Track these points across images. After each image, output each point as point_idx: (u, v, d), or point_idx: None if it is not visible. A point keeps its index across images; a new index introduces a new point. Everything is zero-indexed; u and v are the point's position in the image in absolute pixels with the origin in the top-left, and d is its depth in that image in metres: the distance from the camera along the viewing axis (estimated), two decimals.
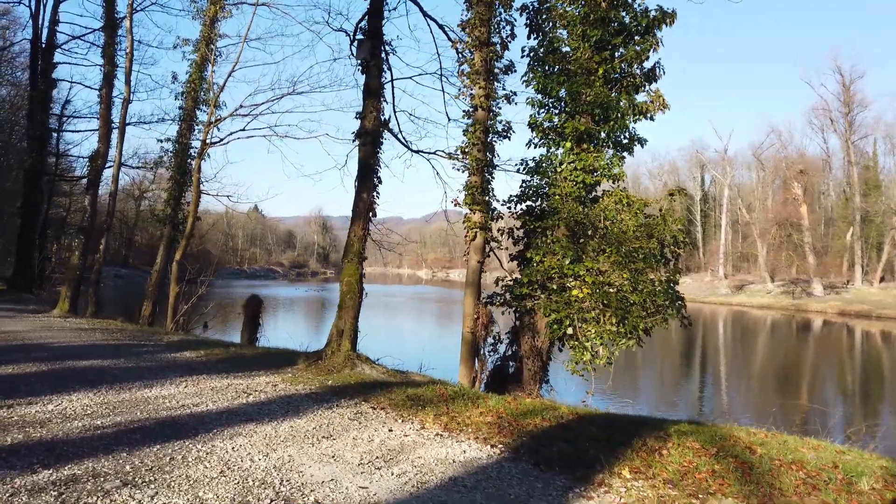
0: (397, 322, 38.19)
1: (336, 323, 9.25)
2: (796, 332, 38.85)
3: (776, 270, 67.38)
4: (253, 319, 14.61)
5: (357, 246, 9.91)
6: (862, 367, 23.75)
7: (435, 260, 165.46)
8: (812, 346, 31.06)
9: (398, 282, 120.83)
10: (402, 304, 51.38)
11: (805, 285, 60.28)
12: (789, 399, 16.70)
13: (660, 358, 26.27)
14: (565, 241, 9.40)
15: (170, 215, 17.79)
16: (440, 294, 70.65)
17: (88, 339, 11.01)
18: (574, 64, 9.94)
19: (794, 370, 23.09)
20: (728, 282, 69.78)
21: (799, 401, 16.60)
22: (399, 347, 23.61)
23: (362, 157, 10.46)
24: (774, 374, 21.74)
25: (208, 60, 18.27)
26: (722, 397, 16.93)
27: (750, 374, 21.43)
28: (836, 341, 33.59)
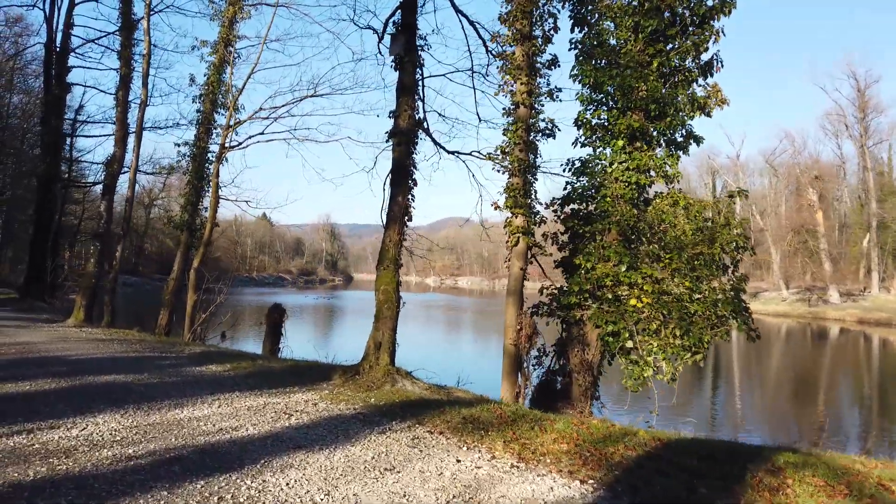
0: (416, 332, 37.56)
1: (373, 335, 8.62)
2: (818, 340, 37.92)
3: (790, 278, 66.37)
4: (275, 329, 14.00)
5: (393, 252, 9.30)
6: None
7: (443, 267, 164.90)
8: (843, 356, 30.16)
9: (406, 289, 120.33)
10: (416, 313, 50.75)
11: (821, 293, 59.22)
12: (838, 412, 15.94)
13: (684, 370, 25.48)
14: (619, 246, 8.75)
15: (187, 221, 17.25)
16: (451, 302, 69.94)
17: (107, 351, 10.44)
18: (624, 57, 9.32)
19: (835, 381, 22.26)
20: None
21: (855, 416, 15.84)
22: (424, 358, 23.02)
23: (397, 157, 9.87)
24: (813, 385, 20.92)
25: (227, 62, 17.79)
26: (769, 411, 16.18)
27: (787, 386, 20.62)
28: (863, 350, 32.66)
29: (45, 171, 20.77)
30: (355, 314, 47.38)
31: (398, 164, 9.82)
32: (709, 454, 5.04)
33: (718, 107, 9.32)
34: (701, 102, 9.24)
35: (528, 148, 10.33)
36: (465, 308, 59.45)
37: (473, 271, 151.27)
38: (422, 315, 48.35)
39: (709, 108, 9.30)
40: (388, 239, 9.39)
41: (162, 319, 16.84)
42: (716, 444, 5.76)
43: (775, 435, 12.45)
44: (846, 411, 16.85)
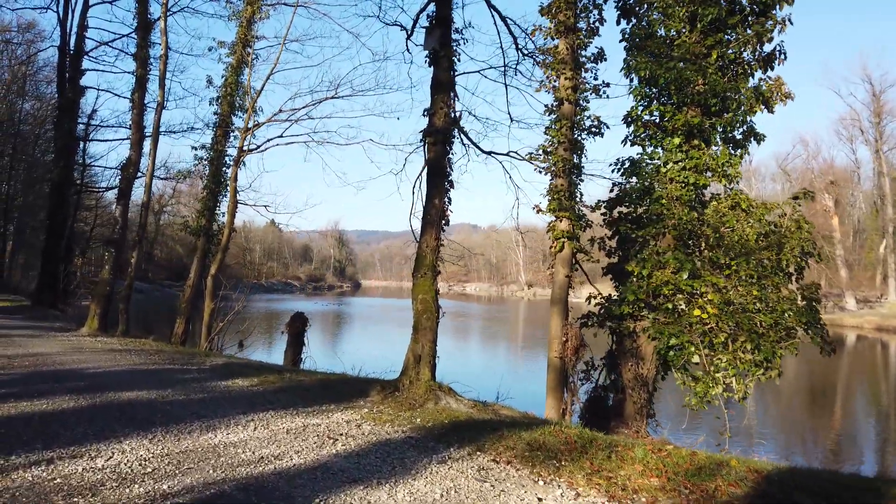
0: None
1: (412, 347, 8.01)
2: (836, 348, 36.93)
3: None
4: (297, 339, 13.43)
5: (430, 258, 8.70)
6: None
7: (451, 273, 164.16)
8: (861, 363, 29.25)
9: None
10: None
11: (837, 299, 58.19)
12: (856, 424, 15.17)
13: None
14: (679, 252, 8.11)
15: (204, 226, 16.74)
16: (461, 308, 69.25)
17: (125, 364, 9.87)
18: (678, 49, 8.70)
19: (852, 390, 21.44)
20: None
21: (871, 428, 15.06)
22: (447, 369, 22.39)
23: (432, 158, 9.29)
24: (830, 394, 20.12)
25: (245, 64, 17.31)
26: (786, 422, 15.42)
27: (804, 395, 19.81)
28: (880, 357, 31.73)
29: (57, 176, 20.33)
30: (367, 321, 46.86)
31: (434, 165, 9.25)
32: (820, 490, 4.40)
33: (781, 102, 8.69)
34: (767, 95, 8.60)
35: (573, 147, 9.72)
36: (476, 315, 58.75)
37: (481, 277, 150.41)
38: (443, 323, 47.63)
39: (771, 104, 8.67)
40: (425, 244, 8.80)
41: (178, 328, 16.31)
42: (821, 475, 5.10)
43: (791, 448, 11.77)
44: (862, 423, 16.12)
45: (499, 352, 31.63)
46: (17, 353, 10.39)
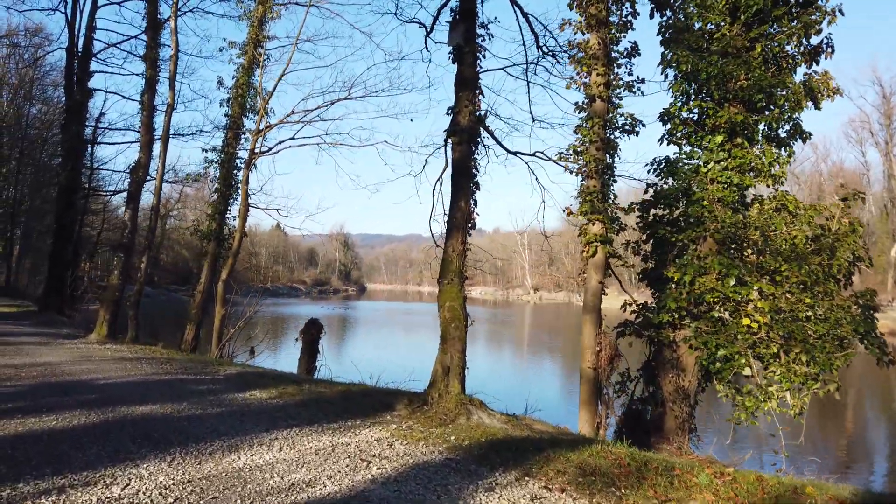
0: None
1: (440, 358, 7.58)
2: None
3: None
4: (311, 347, 13.01)
5: (457, 263, 8.28)
6: None
7: None
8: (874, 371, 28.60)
9: (419, 299, 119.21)
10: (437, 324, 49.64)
11: None
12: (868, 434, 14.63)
13: None
14: (725, 257, 7.66)
15: (215, 231, 16.36)
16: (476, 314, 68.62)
17: (137, 374, 9.47)
18: (718, 43, 8.26)
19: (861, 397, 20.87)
20: None
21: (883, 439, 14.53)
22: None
23: (457, 158, 8.89)
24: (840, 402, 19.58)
25: (256, 64, 16.96)
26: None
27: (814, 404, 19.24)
28: None
29: (65, 179, 20.01)
30: (375, 325, 46.43)
31: (459, 166, 8.86)
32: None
33: (829, 97, 8.24)
34: (816, 90, 8.15)
35: (606, 146, 9.29)
36: (482, 319, 58.29)
37: (486, 281, 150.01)
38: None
39: (819, 99, 8.22)
40: (451, 249, 8.39)
41: (188, 334, 15.92)
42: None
43: (831, 462, 11.28)
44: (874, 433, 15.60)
45: (507, 357, 31.16)
46: (24, 362, 10.00)
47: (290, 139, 16.81)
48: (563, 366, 29.18)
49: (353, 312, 64.93)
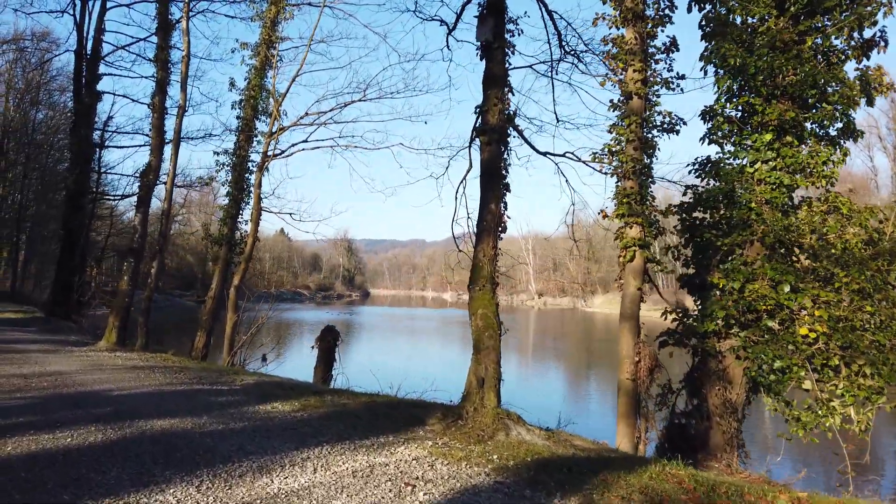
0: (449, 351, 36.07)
1: (473, 369, 7.16)
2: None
3: None
4: (328, 354, 12.61)
5: (488, 268, 7.89)
6: None
7: (460, 282, 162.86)
8: None
9: (422, 304, 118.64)
10: (447, 330, 49.21)
11: None
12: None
13: None
14: (778, 263, 7.24)
15: (226, 235, 16.00)
16: None
17: (151, 384, 9.07)
18: (762, 37, 7.86)
19: None
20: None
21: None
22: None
23: (486, 159, 8.51)
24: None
25: (269, 65, 16.63)
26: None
27: None
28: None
29: (73, 184, 19.69)
30: (380, 331, 46.03)
31: (489, 167, 8.47)
32: None
33: (882, 94, 7.83)
34: (873, 82, 7.73)
35: (644, 146, 8.89)
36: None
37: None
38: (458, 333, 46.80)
39: (873, 95, 7.81)
40: (481, 253, 7.99)
41: (199, 342, 15.55)
42: None
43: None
44: None
45: (526, 365, 30.70)
46: (33, 371, 9.62)
47: (302, 142, 16.46)
48: (582, 374, 28.75)
49: (358, 318, 64.62)
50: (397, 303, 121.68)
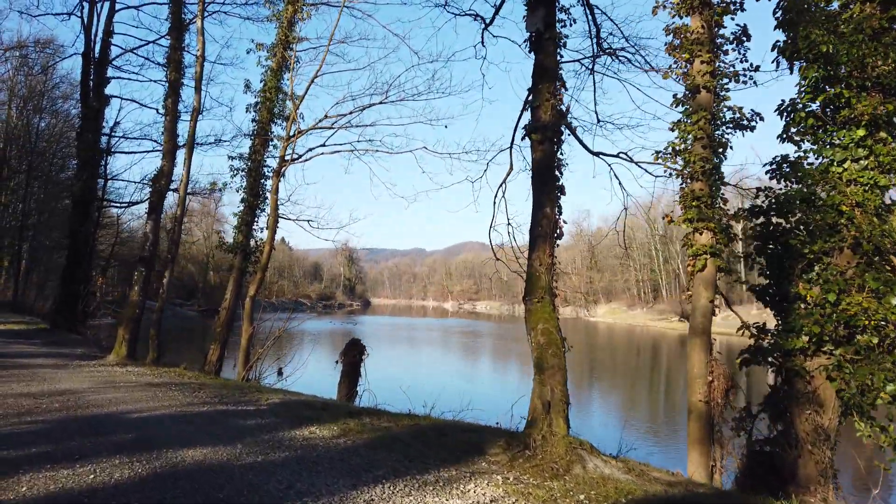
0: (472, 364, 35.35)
1: (538, 392, 6.43)
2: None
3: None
4: (353, 369, 11.87)
5: (545, 278, 7.19)
6: None
7: (461, 292, 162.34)
8: None
9: (423, 314, 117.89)
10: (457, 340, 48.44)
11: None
12: None
13: None
14: (881, 272, 6.54)
15: (242, 243, 15.30)
16: (483, 328, 67.69)
17: (171, 404, 8.33)
18: (848, 24, 7.20)
19: None
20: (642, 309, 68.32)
21: None
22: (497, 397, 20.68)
23: (539, 159, 7.84)
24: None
25: (286, 67, 15.99)
26: None
27: None
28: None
29: (80, 190, 19.00)
30: (391, 341, 45.22)
31: (542, 167, 7.80)
32: None
33: None
34: None
35: (714, 144, 8.20)
36: (502, 336, 57.07)
37: (492, 296, 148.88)
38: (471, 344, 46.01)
39: None
40: (537, 262, 7.29)
41: (212, 355, 14.81)
42: None
43: None
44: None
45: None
46: (42, 390, 8.88)
47: (320, 146, 15.77)
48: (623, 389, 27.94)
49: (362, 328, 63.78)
50: (398, 312, 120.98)
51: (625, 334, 63.03)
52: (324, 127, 15.74)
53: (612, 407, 22.09)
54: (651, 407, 23.06)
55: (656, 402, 24.26)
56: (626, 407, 22.17)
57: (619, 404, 22.89)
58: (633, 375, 32.01)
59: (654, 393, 26.81)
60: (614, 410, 21.04)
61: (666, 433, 17.10)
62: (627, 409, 21.77)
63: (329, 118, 15.17)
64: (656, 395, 26.31)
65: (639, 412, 21.41)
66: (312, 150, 15.74)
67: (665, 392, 26.57)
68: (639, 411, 21.71)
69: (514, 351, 41.51)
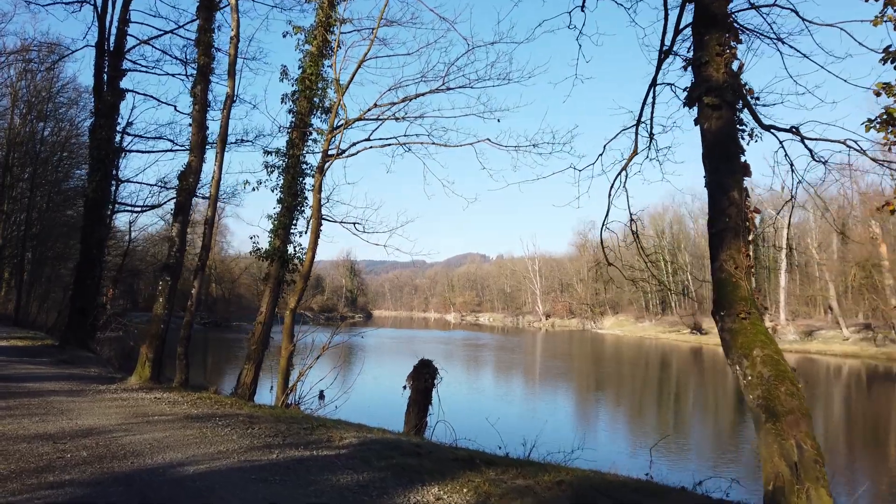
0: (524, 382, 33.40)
1: (776, 448, 4.59)
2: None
3: (845, 315, 62.06)
4: (424, 397, 10.01)
5: (745, 287, 5.37)
6: None
7: (463, 303, 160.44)
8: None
9: (424, 326, 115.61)
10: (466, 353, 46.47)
11: (886, 331, 54.38)
12: None
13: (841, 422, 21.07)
14: None
15: (279, 249, 13.48)
16: (502, 342, 65.79)
17: (228, 449, 6.46)
18: None
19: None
20: (793, 328, 64.45)
21: None
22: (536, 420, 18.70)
23: (716, 129, 6.10)
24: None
25: (327, 52, 14.26)
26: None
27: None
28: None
29: (93, 192, 17.18)
30: (393, 354, 43.03)
31: (721, 140, 6.06)
32: None
33: None
34: None
35: None
36: (509, 348, 55.18)
37: (495, 307, 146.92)
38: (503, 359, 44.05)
39: None
40: (730, 263, 5.50)
41: (246, 376, 12.94)
42: None
43: None
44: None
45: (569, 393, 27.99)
46: (62, 429, 7.02)
47: (364, 140, 13.99)
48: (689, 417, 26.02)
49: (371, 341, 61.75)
50: (401, 324, 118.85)
51: (642, 347, 61.02)
52: (370, 119, 13.99)
53: (687, 435, 20.16)
54: (715, 433, 21.12)
55: (717, 428, 22.31)
56: (696, 434, 20.24)
57: (691, 432, 20.95)
58: (690, 398, 30.03)
59: (713, 416, 24.87)
60: (688, 439, 19.13)
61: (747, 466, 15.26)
62: (698, 437, 19.85)
63: (379, 107, 13.41)
64: (716, 418, 24.38)
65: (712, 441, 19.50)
66: (357, 143, 13.98)
67: (722, 416, 24.63)
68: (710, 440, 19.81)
69: (556, 369, 39.67)
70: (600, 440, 16.58)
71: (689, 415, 23.79)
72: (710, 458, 14.99)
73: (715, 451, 16.48)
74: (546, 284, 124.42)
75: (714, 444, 17.81)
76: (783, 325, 66.60)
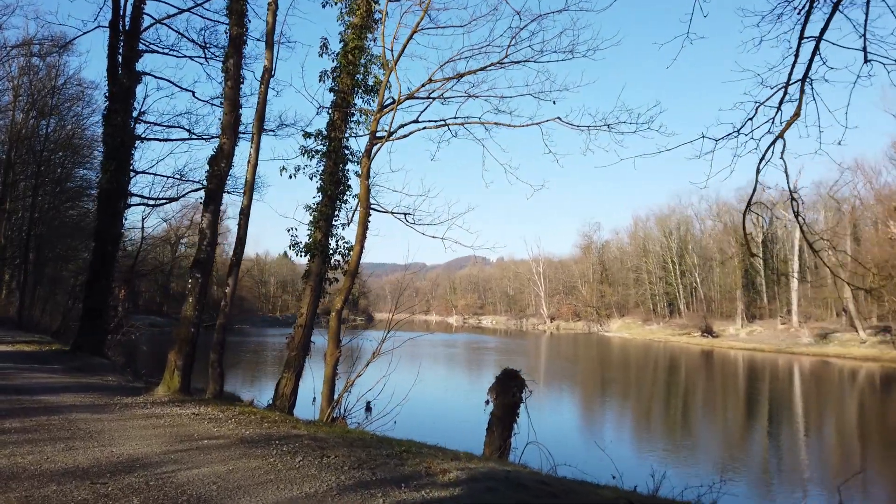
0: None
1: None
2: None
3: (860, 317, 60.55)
4: (509, 413, 8.50)
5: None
6: None
7: (465, 306, 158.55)
8: None
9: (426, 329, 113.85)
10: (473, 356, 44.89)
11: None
12: None
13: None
14: None
15: (320, 242, 11.99)
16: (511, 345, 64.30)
17: (313, 490, 4.98)
18: None
19: None
20: (807, 330, 62.94)
21: None
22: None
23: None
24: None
25: (370, 25, 12.79)
26: None
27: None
28: None
29: (107, 182, 15.69)
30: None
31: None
32: None
33: None
34: None
35: None
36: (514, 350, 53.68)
37: (497, 310, 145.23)
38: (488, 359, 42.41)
39: None
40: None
41: (285, 386, 11.44)
42: None
43: None
44: None
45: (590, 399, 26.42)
46: (97, 460, 5.53)
47: (412, 122, 12.52)
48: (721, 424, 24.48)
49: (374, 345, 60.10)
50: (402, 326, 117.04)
51: (653, 350, 59.43)
52: (420, 97, 12.52)
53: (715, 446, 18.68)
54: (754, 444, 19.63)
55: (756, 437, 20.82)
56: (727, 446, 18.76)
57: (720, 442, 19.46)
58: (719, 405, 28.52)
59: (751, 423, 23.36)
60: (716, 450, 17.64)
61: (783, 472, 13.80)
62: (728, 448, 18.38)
63: (433, 82, 11.94)
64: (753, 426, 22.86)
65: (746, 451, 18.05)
66: (406, 125, 12.50)
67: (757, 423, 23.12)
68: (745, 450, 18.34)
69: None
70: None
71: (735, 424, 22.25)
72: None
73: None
74: (550, 287, 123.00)
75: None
76: (796, 328, 65.15)
